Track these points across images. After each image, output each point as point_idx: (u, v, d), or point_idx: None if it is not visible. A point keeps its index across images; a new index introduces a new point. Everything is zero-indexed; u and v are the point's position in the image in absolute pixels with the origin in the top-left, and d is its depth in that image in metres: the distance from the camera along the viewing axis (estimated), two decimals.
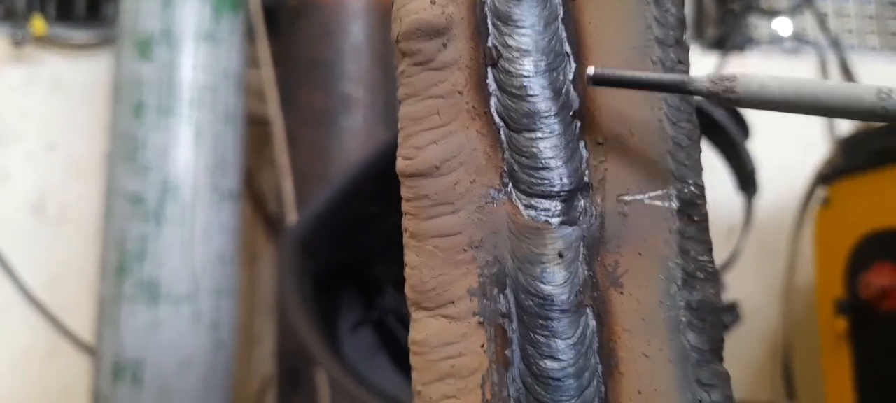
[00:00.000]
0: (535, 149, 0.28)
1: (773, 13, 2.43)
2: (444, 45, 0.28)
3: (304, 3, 1.62)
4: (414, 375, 0.28)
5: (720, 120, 0.94)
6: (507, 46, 0.28)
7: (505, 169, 0.28)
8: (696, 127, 0.28)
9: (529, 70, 0.28)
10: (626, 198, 0.28)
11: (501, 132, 0.28)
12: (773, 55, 2.43)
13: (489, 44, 0.28)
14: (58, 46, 1.92)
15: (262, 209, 1.96)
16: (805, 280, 1.95)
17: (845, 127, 2.27)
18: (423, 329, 0.28)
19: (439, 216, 0.28)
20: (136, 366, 1.43)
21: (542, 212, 0.27)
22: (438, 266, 0.28)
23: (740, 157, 1.10)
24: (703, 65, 2.25)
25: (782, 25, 2.45)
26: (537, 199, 0.27)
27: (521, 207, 0.28)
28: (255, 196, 1.92)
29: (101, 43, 1.92)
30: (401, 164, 0.28)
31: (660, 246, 0.28)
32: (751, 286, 1.95)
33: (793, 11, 2.46)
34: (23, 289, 1.80)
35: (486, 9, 0.28)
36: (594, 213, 0.28)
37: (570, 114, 0.28)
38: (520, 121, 0.28)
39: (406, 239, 0.29)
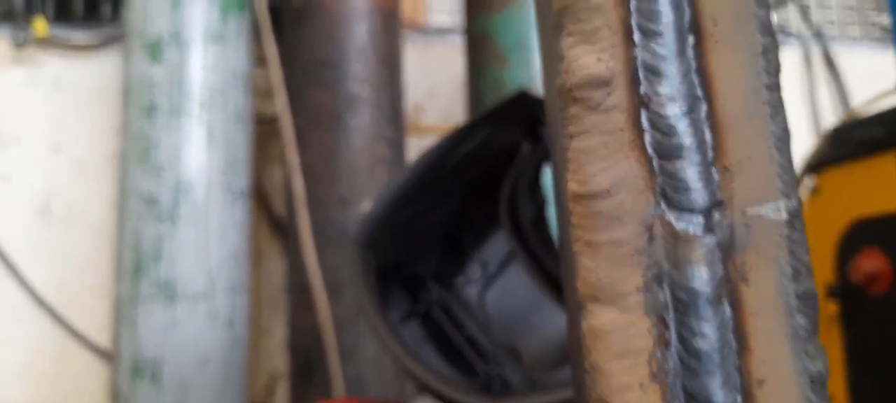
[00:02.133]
0: (682, 175, 0.36)
1: None
2: (609, 93, 0.36)
3: (310, 5, 1.64)
4: (592, 355, 0.35)
5: None
6: (657, 93, 0.36)
7: (658, 190, 0.36)
8: (791, 154, 0.35)
9: (675, 113, 0.36)
10: (749, 211, 0.36)
11: (654, 161, 0.36)
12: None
13: (642, 91, 0.36)
14: (58, 47, 1.92)
15: (267, 207, 1.99)
16: None
17: (831, 118, 2.35)
18: (601, 317, 0.36)
19: (611, 228, 0.36)
20: (155, 365, 1.45)
21: (690, 225, 0.35)
22: (612, 268, 0.36)
23: None
24: None
25: None
26: (685, 214, 0.35)
27: (674, 221, 0.35)
28: (260, 194, 1.95)
29: (102, 43, 1.93)
30: (577, 188, 0.36)
31: (774, 248, 0.35)
32: None
33: (777, 3, 2.53)
34: (31, 292, 1.81)
35: (638, 63, 0.36)
36: (726, 224, 0.36)
37: (706, 145, 0.36)
38: (669, 153, 0.36)
39: (580, 247, 0.36)
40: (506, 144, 0.93)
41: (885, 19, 2.60)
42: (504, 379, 0.90)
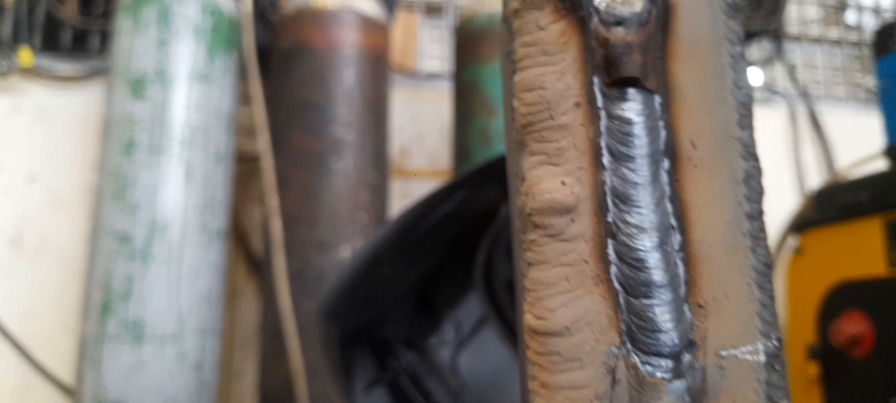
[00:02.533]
0: (650, 314, 0.32)
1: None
2: (572, 220, 0.33)
3: (298, 47, 1.64)
4: None
5: None
6: (626, 223, 0.33)
7: (624, 329, 0.32)
8: (773, 288, 0.33)
9: (646, 245, 0.33)
10: (723, 353, 0.33)
11: (620, 297, 0.32)
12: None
13: (609, 220, 0.33)
14: (43, 78, 1.90)
15: (245, 246, 1.96)
16: None
17: (816, 179, 2.36)
18: None
19: (569, 371, 0.32)
20: None
21: (657, 369, 0.32)
22: None
23: None
24: None
25: (753, 75, 2.54)
26: (653, 357, 0.32)
27: (639, 363, 0.32)
28: (238, 232, 1.92)
29: (88, 75, 1.92)
30: (533, 323, 0.32)
31: (750, 395, 0.32)
32: None
33: (764, 63, 2.56)
34: None
35: (607, 189, 0.33)
36: (697, 367, 0.32)
37: (679, 280, 0.32)
38: (637, 290, 0.32)
39: (535, 387, 0.32)
40: (486, 204, 0.90)
41: (869, 81, 2.63)
42: None
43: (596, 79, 0.33)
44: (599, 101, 0.33)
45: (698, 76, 0.33)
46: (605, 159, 0.33)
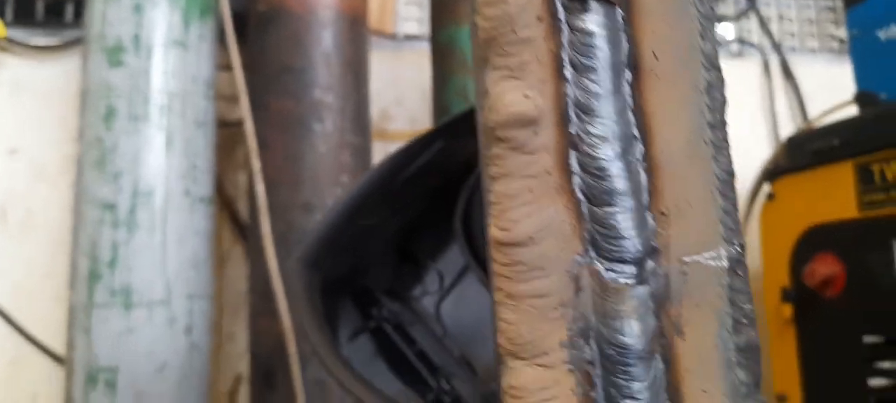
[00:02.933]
0: (613, 222, 0.33)
1: (719, 18, 2.54)
2: (535, 132, 0.33)
3: (275, 10, 1.64)
4: None
5: None
6: (589, 134, 0.33)
7: (587, 238, 0.33)
8: (736, 196, 0.34)
9: (608, 155, 0.33)
10: (686, 259, 0.33)
11: (583, 206, 0.33)
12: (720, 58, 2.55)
13: (572, 131, 0.33)
14: (18, 50, 1.89)
15: (231, 211, 1.97)
16: (752, 269, 2.05)
17: (789, 127, 2.40)
18: (520, 376, 0.33)
19: (534, 279, 0.33)
20: (110, 373, 1.43)
21: (620, 275, 0.33)
22: (533, 322, 0.33)
23: None
24: None
25: (726, 30, 2.57)
26: (616, 264, 0.33)
27: (602, 271, 0.33)
28: (223, 198, 1.93)
29: (63, 46, 1.91)
30: (498, 235, 0.33)
31: (713, 299, 0.33)
32: None
33: (738, 16, 2.58)
34: None
35: (569, 100, 0.33)
36: (660, 273, 0.33)
37: (641, 189, 0.33)
38: (600, 198, 0.33)
39: (501, 298, 0.33)
40: (465, 155, 0.91)
41: (842, 32, 2.66)
42: (455, 395, 0.88)
43: None
44: (561, 14, 0.33)
45: None
46: (567, 72, 0.33)
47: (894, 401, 1.43)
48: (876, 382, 1.41)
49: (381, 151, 2.01)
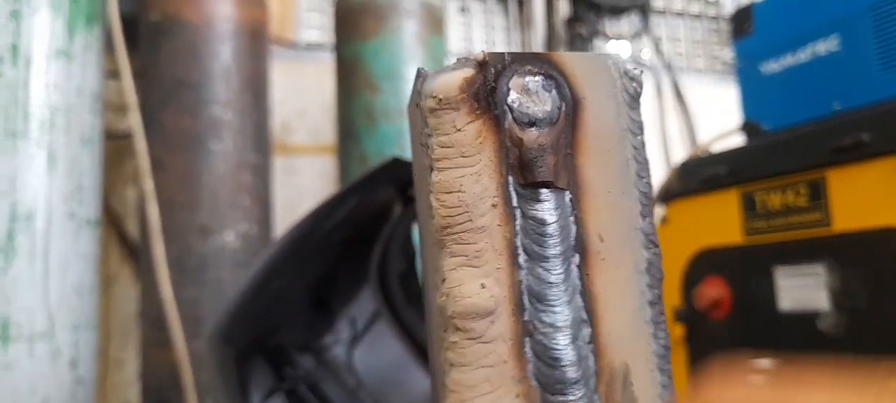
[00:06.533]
0: None
1: (617, 38, 2.64)
2: (492, 322, 0.33)
3: (169, 21, 1.54)
4: None
5: None
6: (542, 322, 0.34)
7: None
8: (671, 369, 0.35)
9: (561, 344, 0.34)
10: None
11: (538, 393, 0.34)
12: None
13: (526, 318, 0.34)
14: None
15: (118, 229, 1.85)
16: None
17: (679, 154, 2.52)
18: None
19: None
20: None
21: None
22: None
23: None
24: None
25: (621, 48, 2.67)
26: None
27: None
28: (110, 215, 1.81)
29: None
30: None
31: None
32: None
33: (633, 36, 2.68)
34: None
35: (523, 288, 0.34)
36: None
37: (589, 372, 0.34)
38: (554, 387, 0.34)
39: None
40: (378, 205, 0.90)
41: (726, 54, 2.83)
42: None
43: (511, 179, 0.34)
44: (515, 201, 0.34)
45: (605, 170, 0.35)
46: (521, 259, 0.34)
47: None
48: None
49: (282, 165, 1.95)
